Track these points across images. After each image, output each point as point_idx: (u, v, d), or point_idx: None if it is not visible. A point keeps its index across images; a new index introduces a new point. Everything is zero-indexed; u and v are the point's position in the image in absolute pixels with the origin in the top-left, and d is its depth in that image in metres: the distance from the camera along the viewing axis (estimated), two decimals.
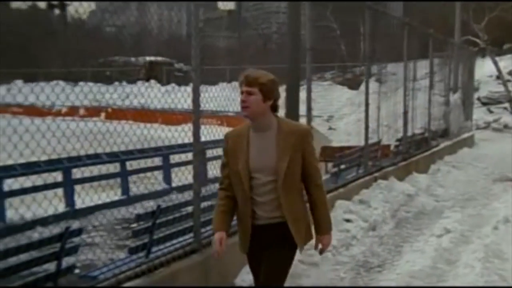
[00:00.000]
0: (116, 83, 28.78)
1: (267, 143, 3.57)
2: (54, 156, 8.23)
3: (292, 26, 7.92)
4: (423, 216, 8.92)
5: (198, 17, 5.39)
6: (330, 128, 19.80)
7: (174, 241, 5.33)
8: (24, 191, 7.69)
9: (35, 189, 7.80)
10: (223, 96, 6.85)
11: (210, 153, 8.93)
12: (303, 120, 7.82)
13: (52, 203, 6.39)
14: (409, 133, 12.48)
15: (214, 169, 6.90)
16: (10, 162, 7.35)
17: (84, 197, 8.04)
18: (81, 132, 6.65)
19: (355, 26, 10.15)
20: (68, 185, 8.83)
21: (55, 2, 34.63)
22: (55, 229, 6.80)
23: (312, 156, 3.67)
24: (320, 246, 3.80)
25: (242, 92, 3.55)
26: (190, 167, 5.72)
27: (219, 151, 5.29)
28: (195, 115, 5.27)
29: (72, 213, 8.45)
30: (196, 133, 5.30)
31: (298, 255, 6.31)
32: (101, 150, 8.30)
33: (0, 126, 5.12)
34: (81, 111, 22.96)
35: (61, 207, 7.72)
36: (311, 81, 7.89)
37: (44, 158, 7.93)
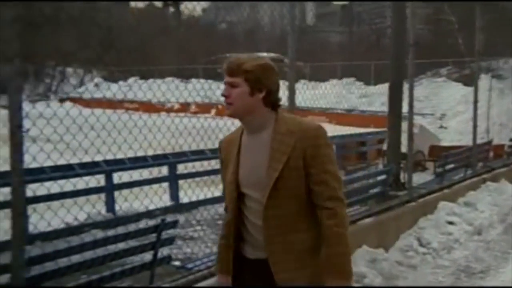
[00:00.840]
0: None
1: (260, 148, 2.64)
2: (162, 151, 8.61)
3: (396, 22, 7.78)
4: None
5: (294, 16, 5.42)
6: (441, 127, 19.11)
7: None
8: (131, 184, 8.06)
9: (142, 183, 8.17)
10: (334, 93, 6.81)
11: None
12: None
13: (148, 197, 6.66)
14: None
15: None
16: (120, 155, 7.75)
17: (187, 192, 8.27)
18: (193, 128, 6.87)
19: (474, 19, 9.68)
20: (173, 180, 9.15)
21: (169, 2, 35.94)
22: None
23: (319, 166, 2.58)
24: None
25: (225, 84, 2.68)
26: None
27: None
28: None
29: (177, 207, 8.75)
30: None
31: (395, 255, 6.25)
32: (208, 146, 8.54)
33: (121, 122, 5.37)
34: (193, 108, 23.59)
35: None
36: (413, 78, 7.69)
37: (152, 152, 8.30)
